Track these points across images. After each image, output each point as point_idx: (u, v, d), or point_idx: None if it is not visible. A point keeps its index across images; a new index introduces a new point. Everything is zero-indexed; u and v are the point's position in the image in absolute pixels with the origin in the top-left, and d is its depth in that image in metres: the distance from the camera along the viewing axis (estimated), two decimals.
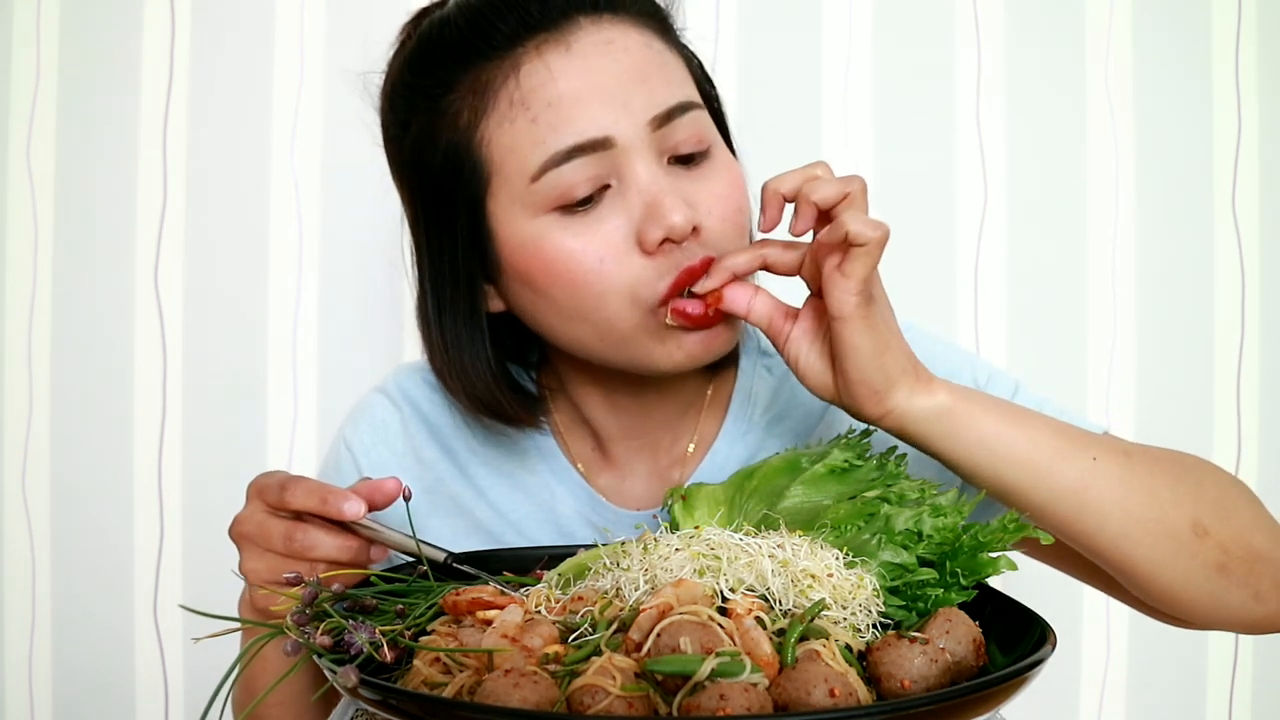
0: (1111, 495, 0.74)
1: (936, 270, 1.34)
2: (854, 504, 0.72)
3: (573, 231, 0.77)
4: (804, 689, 0.54)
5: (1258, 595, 0.77)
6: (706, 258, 0.77)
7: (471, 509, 0.93)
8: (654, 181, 0.76)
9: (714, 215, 0.78)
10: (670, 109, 0.77)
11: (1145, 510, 0.75)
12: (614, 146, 0.76)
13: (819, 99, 1.33)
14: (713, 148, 0.81)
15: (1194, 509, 0.76)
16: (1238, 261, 1.35)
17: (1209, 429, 1.35)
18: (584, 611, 0.63)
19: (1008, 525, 0.69)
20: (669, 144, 0.78)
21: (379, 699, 0.55)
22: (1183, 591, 0.76)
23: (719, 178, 0.80)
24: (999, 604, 0.70)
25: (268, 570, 0.75)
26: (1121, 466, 0.76)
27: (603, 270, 0.76)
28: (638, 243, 0.76)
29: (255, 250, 1.33)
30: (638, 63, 0.77)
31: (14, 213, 1.33)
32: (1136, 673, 1.37)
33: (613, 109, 0.76)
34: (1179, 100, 1.35)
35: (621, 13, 0.79)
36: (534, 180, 0.76)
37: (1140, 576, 0.76)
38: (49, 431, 1.34)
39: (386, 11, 1.32)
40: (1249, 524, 0.78)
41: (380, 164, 1.33)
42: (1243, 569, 0.76)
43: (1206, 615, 0.78)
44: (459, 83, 0.79)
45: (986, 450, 0.74)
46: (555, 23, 0.77)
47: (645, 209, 0.76)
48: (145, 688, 1.35)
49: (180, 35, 1.33)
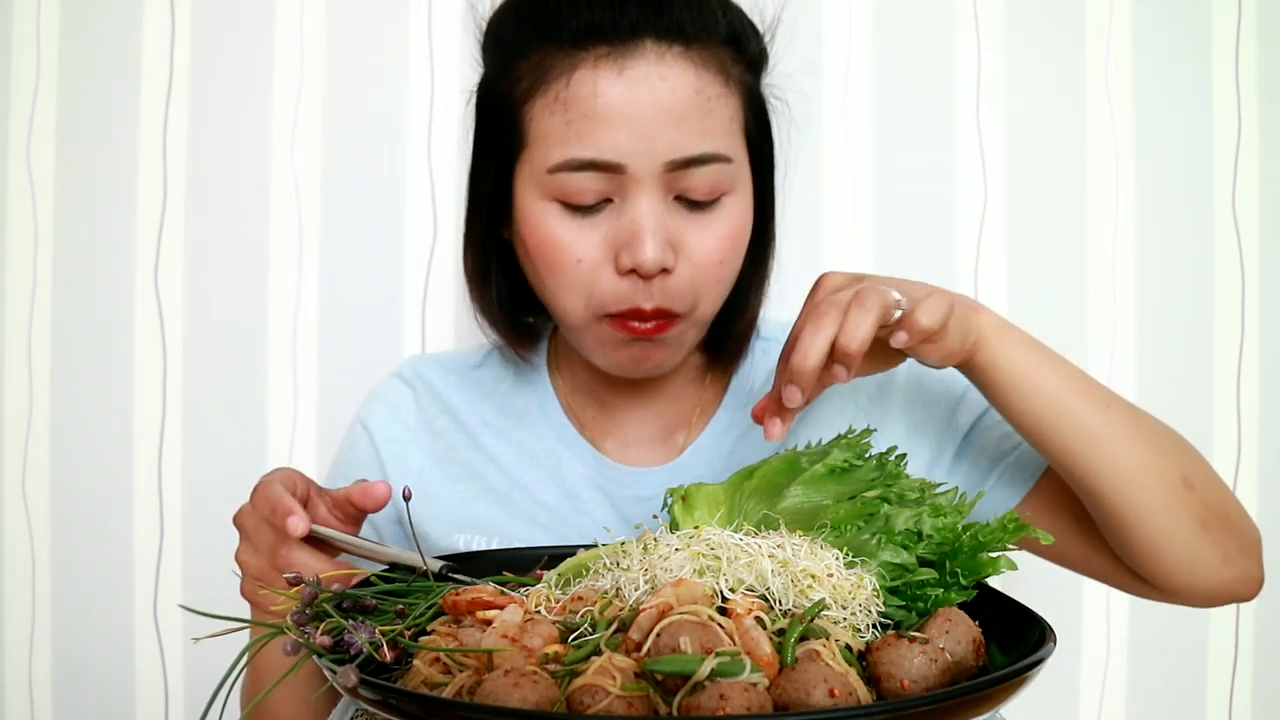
0: (1122, 439, 0.80)
1: (937, 270, 1.34)
2: (854, 504, 0.72)
3: (567, 225, 0.83)
4: (804, 689, 0.54)
5: (1227, 558, 0.82)
6: (658, 308, 0.83)
7: (483, 473, 0.97)
8: (647, 216, 0.81)
9: (691, 262, 0.84)
10: (691, 158, 0.81)
11: (1147, 455, 0.81)
12: (625, 173, 0.81)
13: (819, 99, 1.33)
14: (725, 197, 0.85)
15: (1184, 464, 0.82)
16: (1238, 261, 1.35)
17: (1209, 429, 1.35)
18: (584, 611, 0.63)
19: (1007, 525, 0.69)
20: (679, 186, 0.82)
21: (379, 699, 0.55)
22: (1166, 541, 0.81)
23: (715, 228, 0.85)
24: (999, 604, 0.70)
25: (258, 569, 0.78)
26: (1129, 415, 0.82)
27: (577, 269, 0.84)
28: (613, 260, 0.83)
29: (255, 250, 1.33)
30: (679, 105, 0.80)
31: (14, 213, 1.33)
32: (1136, 673, 1.37)
33: (636, 141, 0.80)
34: (1179, 100, 1.35)
35: (694, 45, 0.82)
36: (549, 172, 0.82)
37: (1132, 521, 0.81)
38: (49, 431, 1.34)
39: (386, 12, 1.33)
40: (1224, 492, 0.85)
41: (380, 164, 1.34)
42: (1219, 528, 0.82)
43: (1179, 573, 0.83)
44: (529, 53, 0.83)
45: (1030, 378, 0.80)
46: (622, 38, 0.80)
47: (629, 236, 0.82)
48: (145, 688, 1.35)
49: (180, 35, 1.33)
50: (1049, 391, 0.80)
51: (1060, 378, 0.81)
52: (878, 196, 1.35)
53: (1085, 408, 0.80)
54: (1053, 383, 0.80)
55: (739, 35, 0.86)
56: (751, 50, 0.88)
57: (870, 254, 1.34)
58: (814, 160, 1.33)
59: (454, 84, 1.33)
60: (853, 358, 0.74)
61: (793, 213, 1.25)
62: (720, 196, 0.84)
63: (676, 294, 0.84)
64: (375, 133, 1.33)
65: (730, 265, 0.87)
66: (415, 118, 1.33)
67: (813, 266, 1.34)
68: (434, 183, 1.33)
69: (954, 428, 0.95)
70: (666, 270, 0.83)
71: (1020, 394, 0.80)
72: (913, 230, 1.35)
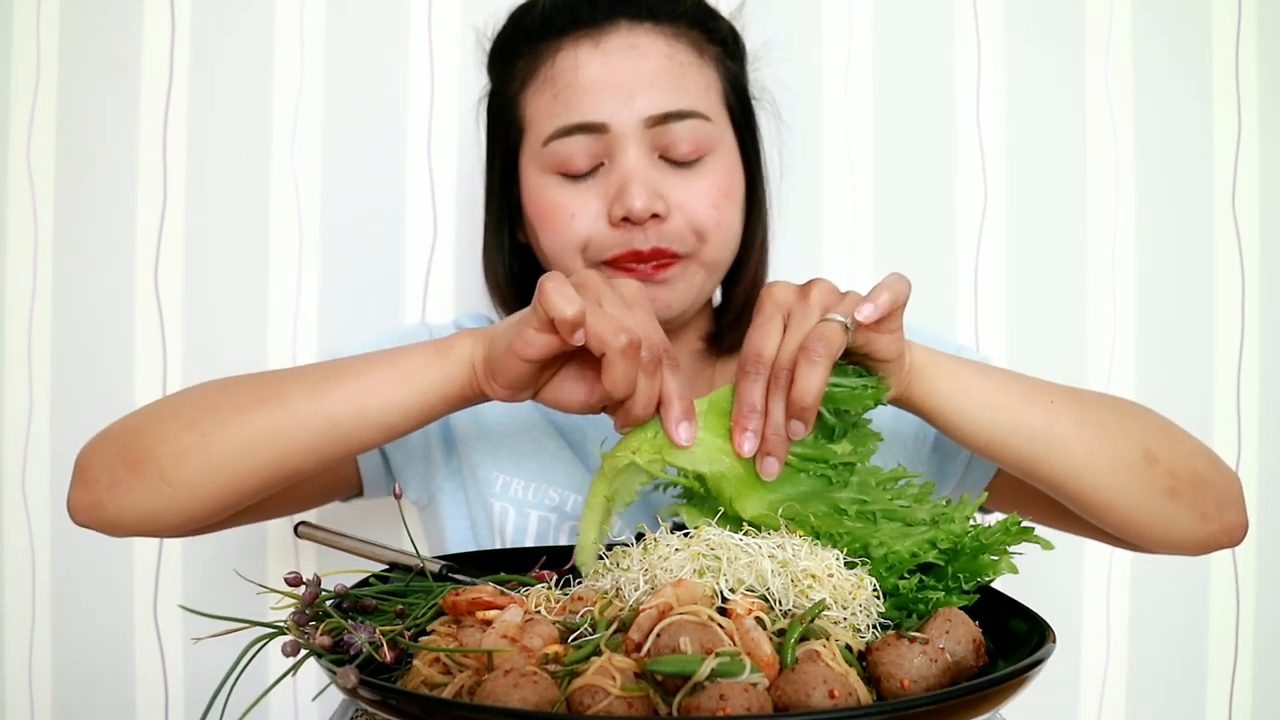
0: (1071, 432, 0.80)
1: (936, 270, 1.34)
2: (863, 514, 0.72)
3: (564, 191, 0.91)
4: (804, 690, 0.54)
5: (1204, 516, 0.83)
6: (656, 248, 0.89)
7: (519, 430, 1.01)
8: (633, 168, 0.89)
9: (683, 212, 0.90)
10: (669, 113, 0.89)
11: (1101, 443, 0.81)
12: (609, 132, 0.89)
13: (819, 99, 1.33)
14: (708, 157, 0.92)
15: (1142, 439, 0.82)
16: (1238, 261, 1.35)
17: (1209, 429, 1.35)
18: (584, 611, 0.63)
19: (1009, 527, 0.69)
20: (662, 143, 0.90)
21: (379, 699, 0.55)
22: (1138, 518, 0.82)
23: (702, 182, 0.91)
24: (999, 604, 0.70)
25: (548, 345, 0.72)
26: (1075, 404, 0.82)
27: (571, 224, 0.91)
28: (607, 214, 0.90)
29: (255, 249, 1.33)
30: (653, 69, 0.90)
31: (14, 212, 1.33)
32: (1136, 673, 1.37)
33: (616, 102, 0.89)
34: (1179, 100, 1.35)
35: (664, 23, 0.92)
36: (544, 144, 0.91)
37: (1100, 507, 0.82)
38: (49, 431, 1.34)
39: (386, 12, 1.33)
40: (1191, 450, 0.85)
41: (381, 164, 1.34)
42: (1190, 492, 0.83)
43: (1159, 539, 0.84)
44: (523, 55, 0.94)
45: (969, 399, 0.79)
46: (598, 23, 0.91)
47: (618, 189, 0.89)
48: (145, 688, 1.35)
49: (180, 35, 1.33)
50: (990, 405, 0.79)
51: (998, 389, 0.80)
52: (878, 196, 1.35)
53: (1029, 413, 0.80)
54: (992, 396, 0.80)
55: (705, 16, 0.95)
56: (722, 30, 0.96)
57: (870, 254, 1.34)
58: (814, 160, 1.33)
59: (453, 84, 1.33)
60: (810, 411, 0.71)
61: (793, 212, 1.26)
62: (703, 156, 0.91)
63: (674, 236, 0.90)
64: (375, 133, 1.33)
65: (726, 211, 0.92)
66: (415, 118, 1.33)
67: (813, 267, 1.35)
68: (434, 183, 1.33)
69: (926, 432, 1.00)
70: (659, 217, 0.89)
71: (963, 416, 0.80)
72: (913, 230, 1.34)
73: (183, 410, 0.80)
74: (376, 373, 0.78)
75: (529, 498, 0.98)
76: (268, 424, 0.77)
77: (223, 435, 0.77)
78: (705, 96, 0.92)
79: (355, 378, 0.78)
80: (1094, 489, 0.81)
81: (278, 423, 0.77)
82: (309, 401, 0.77)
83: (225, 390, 0.81)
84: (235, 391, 0.80)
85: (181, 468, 0.77)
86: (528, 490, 0.98)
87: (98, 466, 0.80)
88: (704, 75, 0.93)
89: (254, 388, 0.79)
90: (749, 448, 0.72)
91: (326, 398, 0.77)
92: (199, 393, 0.82)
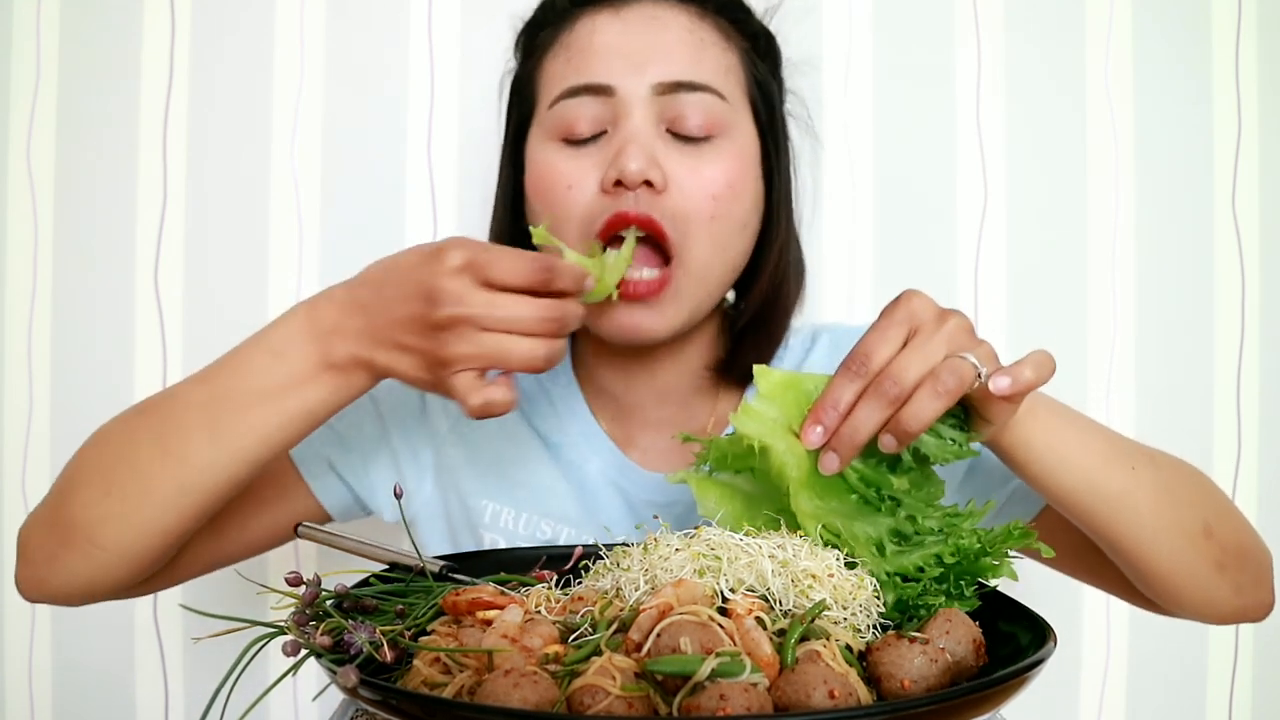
0: (1146, 501, 0.78)
1: (936, 270, 1.34)
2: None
3: (563, 157, 0.86)
4: (804, 690, 0.54)
5: (1239, 589, 0.82)
6: (647, 215, 0.83)
7: (508, 453, 0.97)
8: (634, 133, 0.84)
9: (681, 191, 0.84)
10: (680, 82, 0.85)
11: (1171, 514, 0.79)
12: (615, 95, 0.85)
13: (820, 99, 1.33)
14: (719, 139, 0.86)
15: (1204, 512, 0.80)
16: (1238, 261, 1.35)
17: (1209, 429, 1.35)
18: (584, 611, 0.63)
19: (1012, 531, 0.69)
20: (670, 113, 0.85)
21: (379, 699, 0.54)
22: (1189, 588, 0.80)
23: (707, 166, 0.85)
24: (999, 604, 0.70)
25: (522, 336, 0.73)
26: (1153, 473, 0.79)
27: (568, 195, 0.85)
28: (600, 183, 0.84)
29: (255, 250, 1.33)
30: (670, 39, 0.86)
31: (14, 212, 1.33)
32: (1136, 673, 1.37)
33: (626, 66, 0.85)
34: (1179, 100, 1.35)
35: (692, 3, 0.89)
36: (550, 107, 0.87)
37: (1155, 574, 0.80)
38: (49, 431, 1.34)
39: (386, 12, 1.33)
40: (1239, 525, 0.83)
41: (380, 164, 1.33)
42: (1235, 566, 0.81)
43: (1196, 608, 0.83)
44: (547, 27, 0.92)
45: (1054, 455, 0.76)
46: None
47: (616, 154, 0.83)
48: (145, 688, 1.35)
49: (180, 35, 1.33)
50: (1074, 464, 0.76)
51: (1084, 446, 0.77)
52: (878, 196, 1.35)
53: (1110, 475, 0.77)
54: (1077, 454, 0.77)
55: (736, 9, 0.92)
56: (753, 27, 0.93)
57: (870, 254, 1.34)
58: (814, 160, 1.33)
59: (453, 85, 1.33)
60: (911, 436, 0.69)
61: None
62: (713, 136, 0.86)
63: (664, 209, 0.84)
64: (375, 132, 1.33)
65: (723, 205, 0.86)
66: (415, 118, 1.33)
67: (812, 266, 1.34)
68: (434, 183, 1.33)
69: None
70: (652, 185, 0.83)
71: (1046, 469, 0.76)
72: (913, 230, 1.34)
73: (95, 473, 0.79)
74: (266, 388, 0.76)
75: (520, 530, 0.94)
76: (175, 483, 0.77)
77: (136, 500, 0.77)
78: (724, 77, 0.87)
79: (247, 405, 0.76)
80: (1156, 556, 0.79)
81: (186, 477, 0.77)
82: (209, 448, 0.76)
83: (129, 443, 0.79)
84: (134, 449, 0.78)
85: (106, 534, 0.77)
86: (518, 521, 0.94)
87: (33, 543, 0.81)
88: (726, 58, 0.89)
89: (150, 441, 0.78)
90: (814, 440, 0.70)
91: (224, 437, 0.76)
92: (110, 445, 0.80)
